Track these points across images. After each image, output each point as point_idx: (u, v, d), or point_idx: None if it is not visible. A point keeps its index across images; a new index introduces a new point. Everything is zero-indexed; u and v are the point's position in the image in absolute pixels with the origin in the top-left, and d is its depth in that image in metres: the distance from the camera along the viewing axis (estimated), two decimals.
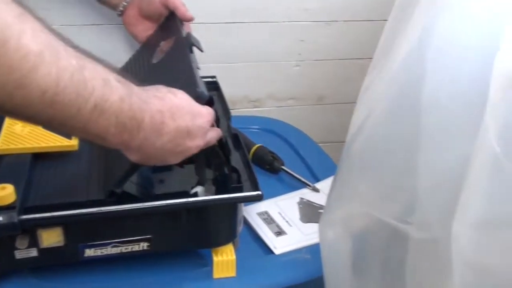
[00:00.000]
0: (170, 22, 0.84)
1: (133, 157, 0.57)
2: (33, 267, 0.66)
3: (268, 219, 0.81)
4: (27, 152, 0.66)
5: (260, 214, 0.83)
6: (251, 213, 0.83)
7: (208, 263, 0.70)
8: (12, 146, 0.65)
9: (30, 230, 0.61)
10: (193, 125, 0.58)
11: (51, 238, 0.62)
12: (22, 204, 0.59)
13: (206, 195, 0.65)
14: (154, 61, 0.76)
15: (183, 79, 0.65)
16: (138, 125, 0.52)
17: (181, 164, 0.64)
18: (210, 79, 0.92)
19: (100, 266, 0.69)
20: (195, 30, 1.01)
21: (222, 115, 0.79)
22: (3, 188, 0.57)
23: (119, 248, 0.66)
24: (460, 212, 0.41)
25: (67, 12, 0.96)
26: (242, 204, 0.71)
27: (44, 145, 0.66)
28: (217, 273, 0.69)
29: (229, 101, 1.10)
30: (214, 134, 0.63)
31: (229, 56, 1.08)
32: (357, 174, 0.59)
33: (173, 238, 0.67)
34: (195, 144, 0.59)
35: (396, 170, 0.51)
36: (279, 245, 0.75)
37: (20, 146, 0.65)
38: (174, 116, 0.56)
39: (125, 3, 0.88)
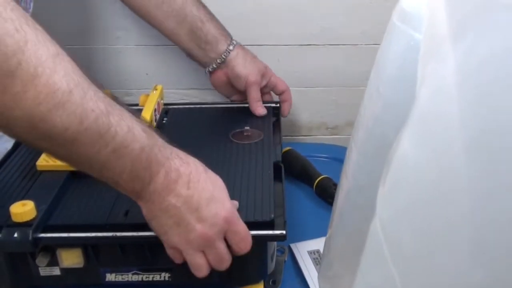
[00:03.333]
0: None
1: (144, 212, 0.55)
2: (57, 286, 0.66)
3: (318, 259, 0.74)
4: (65, 170, 0.66)
5: (311, 253, 0.76)
6: (302, 251, 0.76)
7: None
8: (51, 163, 0.67)
9: (51, 249, 0.61)
10: (206, 205, 0.54)
11: (71, 258, 0.62)
12: (43, 222, 0.59)
13: None
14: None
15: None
16: (151, 177, 0.51)
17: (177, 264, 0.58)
18: (274, 105, 0.89)
19: None
20: (271, 52, 1.01)
21: (273, 148, 0.75)
22: (24, 205, 0.58)
23: (140, 276, 0.64)
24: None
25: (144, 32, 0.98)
26: (274, 242, 0.65)
27: None
28: None
29: (305, 127, 1.07)
30: (222, 252, 0.56)
31: (306, 80, 1.04)
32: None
33: None
34: (203, 229, 0.54)
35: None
36: None
37: (58, 163, 0.66)
38: (190, 184, 0.53)
39: (214, 66, 0.86)
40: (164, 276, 0.64)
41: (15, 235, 0.57)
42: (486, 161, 0.34)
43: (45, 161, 0.67)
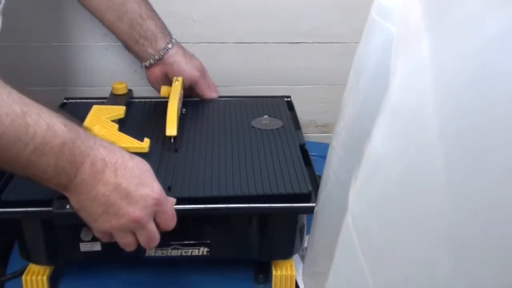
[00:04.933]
0: None
1: (72, 203, 0.55)
2: (95, 262, 0.66)
3: (303, 255, 0.75)
4: None
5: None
6: None
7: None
8: None
9: None
10: (135, 191, 0.54)
11: None
12: None
13: None
14: None
15: None
16: (76, 169, 0.52)
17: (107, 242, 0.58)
18: (286, 99, 0.92)
19: (160, 268, 0.68)
20: (260, 49, 1.02)
21: (295, 133, 0.79)
22: None
23: (179, 251, 0.65)
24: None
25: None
26: (305, 218, 0.68)
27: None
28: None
29: None
30: (152, 232, 0.57)
31: (296, 78, 1.06)
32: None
33: (233, 245, 0.66)
34: (134, 212, 0.54)
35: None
36: None
37: None
38: (117, 172, 0.54)
39: (152, 61, 0.87)
40: (203, 250, 0.65)
41: (67, 206, 0.57)
42: (458, 154, 0.33)
43: None
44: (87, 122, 0.73)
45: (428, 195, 0.35)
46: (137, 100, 0.88)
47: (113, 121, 0.74)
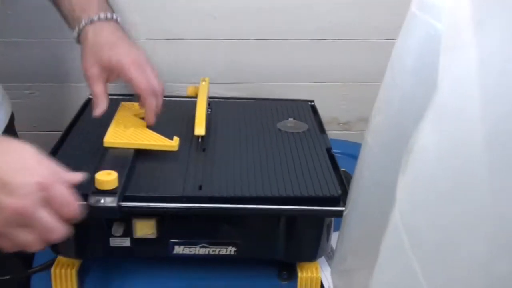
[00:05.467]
0: None
1: None
2: (124, 257, 0.67)
3: (330, 254, 0.75)
4: (130, 148, 0.68)
5: None
6: None
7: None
8: (118, 141, 0.68)
9: (126, 219, 0.62)
10: (14, 178, 0.47)
11: (145, 229, 0.63)
12: (123, 192, 0.60)
13: None
14: None
15: None
16: None
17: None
18: (309, 103, 0.92)
19: (186, 265, 0.69)
20: (281, 46, 1.03)
21: (321, 136, 0.79)
22: (109, 174, 0.59)
23: (207, 249, 0.66)
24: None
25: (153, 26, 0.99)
26: (333, 220, 0.69)
27: (146, 142, 0.69)
28: None
29: None
30: (46, 222, 0.49)
31: (317, 75, 1.06)
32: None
33: (260, 246, 0.67)
34: (15, 204, 0.47)
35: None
36: None
37: (126, 141, 0.68)
38: None
39: (78, 30, 0.71)
40: (230, 250, 0.66)
41: (102, 201, 0.57)
42: (506, 153, 0.33)
43: (112, 138, 0.68)
44: (116, 119, 0.73)
45: (479, 194, 0.35)
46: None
47: (141, 118, 0.74)
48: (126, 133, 0.70)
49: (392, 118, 0.45)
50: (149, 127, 0.73)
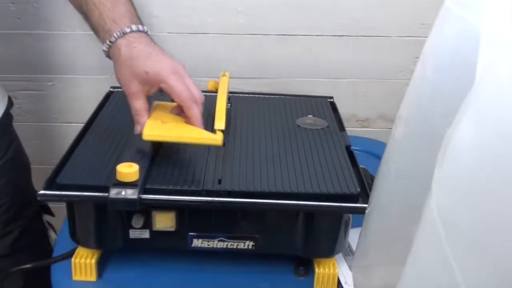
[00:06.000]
0: None
1: None
2: (143, 249, 0.67)
3: (346, 250, 0.74)
4: (171, 141, 0.67)
5: None
6: None
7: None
8: (158, 133, 0.65)
9: (146, 211, 0.63)
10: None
11: (164, 221, 0.63)
12: (143, 184, 0.61)
13: None
14: None
15: None
16: None
17: None
18: (328, 100, 0.92)
19: (203, 258, 0.69)
20: (302, 41, 1.03)
21: (340, 134, 0.79)
22: (130, 166, 0.60)
23: (225, 243, 0.66)
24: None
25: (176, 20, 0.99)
26: (351, 218, 0.69)
27: (189, 135, 0.66)
28: (318, 285, 0.68)
29: None
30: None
31: (337, 72, 1.06)
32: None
33: (278, 241, 0.67)
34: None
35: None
36: (351, 281, 0.69)
37: (166, 134, 0.66)
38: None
39: (109, 43, 0.68)
40: (248, 244, 0.66)
41: (123, 193, 0.58)
42: None
43: (151, 131, 0.65)
44: (152, 115, 0.69)
45: None
46: None
47: None
48: (166, 127, 0.67)
49: (422, 113, 0.45)
50: None
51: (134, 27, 0.68)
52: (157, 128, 0.66)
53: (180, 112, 0.68)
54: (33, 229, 0.89)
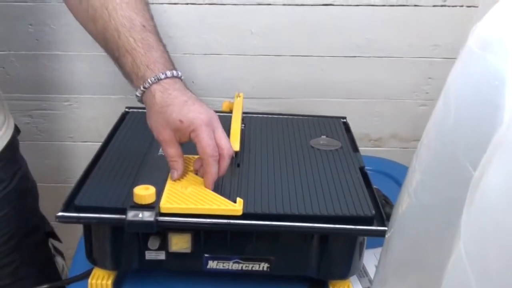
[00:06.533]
0: None
1: None
2: (158, 270, 0.68)
3: (361, 272, 0.74)
4: (190, 213, 0.62)
5: None
6: None
7: None
8: (176, 205, 0.62)
9: (162, 233, 0.63)
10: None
11: (180, 243, 0.64)
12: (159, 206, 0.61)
13: None
14: None
15: None
16: None
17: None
18: (342, 120, 0.92)
19: (218, 279, 0.70)
20: (315, 62, 1.04)
21: (354, 155, 0.79)
22: (147, 189, 0.60)
23: (240, 265, 0.66)
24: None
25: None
26: (365, 239, 0.69)
27: (207, 207, 0.62)
28: None
29: None
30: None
31: (350, 91, 1.07)
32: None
33: (293, 263, 0.67)
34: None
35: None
36: None
37: (184, 206, 0.62)
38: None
39: (143, 89, 0.67)
40: (263, 266, 0.66)
41: (140, 215, 0.59)
42: None
43: (169, 203, 0.62)
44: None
45: None
46: None
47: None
48: (184, 195, 0.64)
49: (443, 145, 0.45)
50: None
51: (168, 73, 0.66)
52: (174, 197, 0.63)
53: (201, 165, 0.67)
54: (37, 257, 0.88)
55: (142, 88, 0.66)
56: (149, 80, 0.66)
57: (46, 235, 0.92)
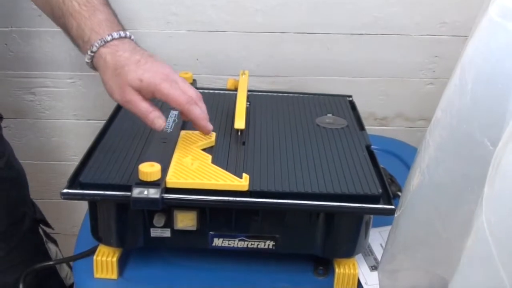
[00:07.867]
0: None
1: None
2: (164, 248, 0.68)
3: (366, 251, 0.74)
4: (196, 188, 0.62)
5: None
6: None
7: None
8: (182, 180, 0.62)
9: (168, 210, 0.63)
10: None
11: (185, 220, 0.63)
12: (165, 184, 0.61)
13: None
14: None
15: None
16: None
17: None
18: (348, 98, 0.92)
19: (223, 257, 0.70)
20: (321, 40, 1.02)
21: (360, 133, 0.78)
22: (152, 166, 0.60)
23: (246, 243, 0.66)
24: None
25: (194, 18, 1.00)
26: (371, 218, 0.68)
27: (214, 182, 0.62)
28: (338, 286, 0.68)
29: None
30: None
31: (356, 70, 1.06)
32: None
33: (298, 241, 0.67)
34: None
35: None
36: (371, 282, 0.69)
37: (190, 180, 0.62)
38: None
39: (91, 53, 0.65)
40: (269, 244, 0.66)
41: (145, 192, 0.58)
42: None
43: (175, 178, 0.62)
44: (177, 152, 0.67)
45: None
46: (200, 90, 0.89)
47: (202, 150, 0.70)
48: (191, 170, 0.63)
49: (458, 122, 0.44)
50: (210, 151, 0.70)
51: (115, 34, 0.64)
52: (181, 173, 0.63)
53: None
54: (26, 245, 0.88)
55: (89, 53, 0.64)
56: (95, 44, 0.63)
57: (36, 222, 0.91)
